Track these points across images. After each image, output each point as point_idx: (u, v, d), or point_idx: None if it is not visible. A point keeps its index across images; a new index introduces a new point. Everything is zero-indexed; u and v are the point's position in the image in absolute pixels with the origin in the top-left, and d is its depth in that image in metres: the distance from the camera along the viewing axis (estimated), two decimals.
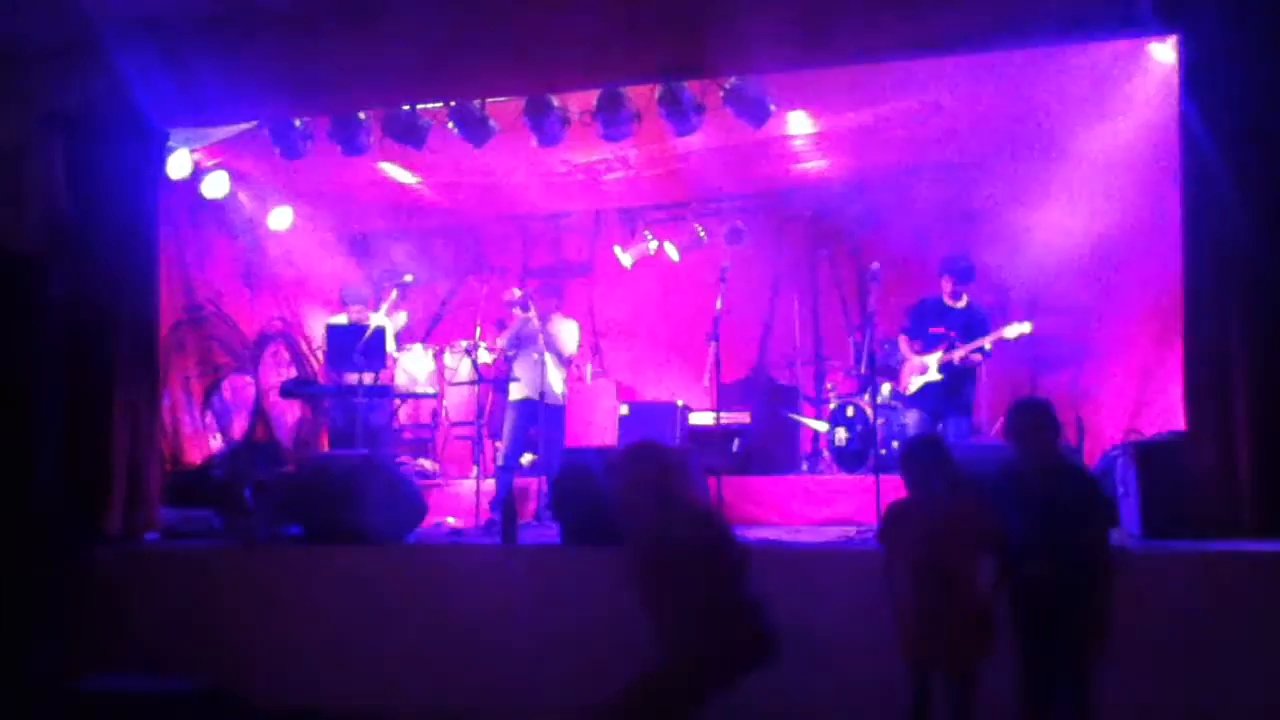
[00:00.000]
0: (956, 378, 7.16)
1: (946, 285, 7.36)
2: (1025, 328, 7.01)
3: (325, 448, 9.58)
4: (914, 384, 7.25)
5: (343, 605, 5.87)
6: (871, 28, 5.87)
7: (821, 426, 8.83)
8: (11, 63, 6.77)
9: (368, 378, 8.15)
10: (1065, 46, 6.24)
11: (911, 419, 7.33)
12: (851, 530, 6.75)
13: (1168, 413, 6.86)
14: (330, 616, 5.86)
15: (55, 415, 6.59)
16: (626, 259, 10.26)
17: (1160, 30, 5.83)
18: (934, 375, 7.18)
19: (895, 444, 8.11)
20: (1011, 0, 5.64)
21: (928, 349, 7.25)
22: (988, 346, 7.15)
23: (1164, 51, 6.17)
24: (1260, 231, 5.28)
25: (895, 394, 7.50)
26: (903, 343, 7.31)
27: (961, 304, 7.34)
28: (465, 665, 5.56)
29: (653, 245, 10.24)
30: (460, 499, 8.18)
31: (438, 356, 9.47)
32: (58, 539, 6.38)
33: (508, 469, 7.97)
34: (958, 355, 7.11)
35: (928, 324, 7.34)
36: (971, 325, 7.21)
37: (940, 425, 7.34)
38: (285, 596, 5.99)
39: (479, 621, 5.60)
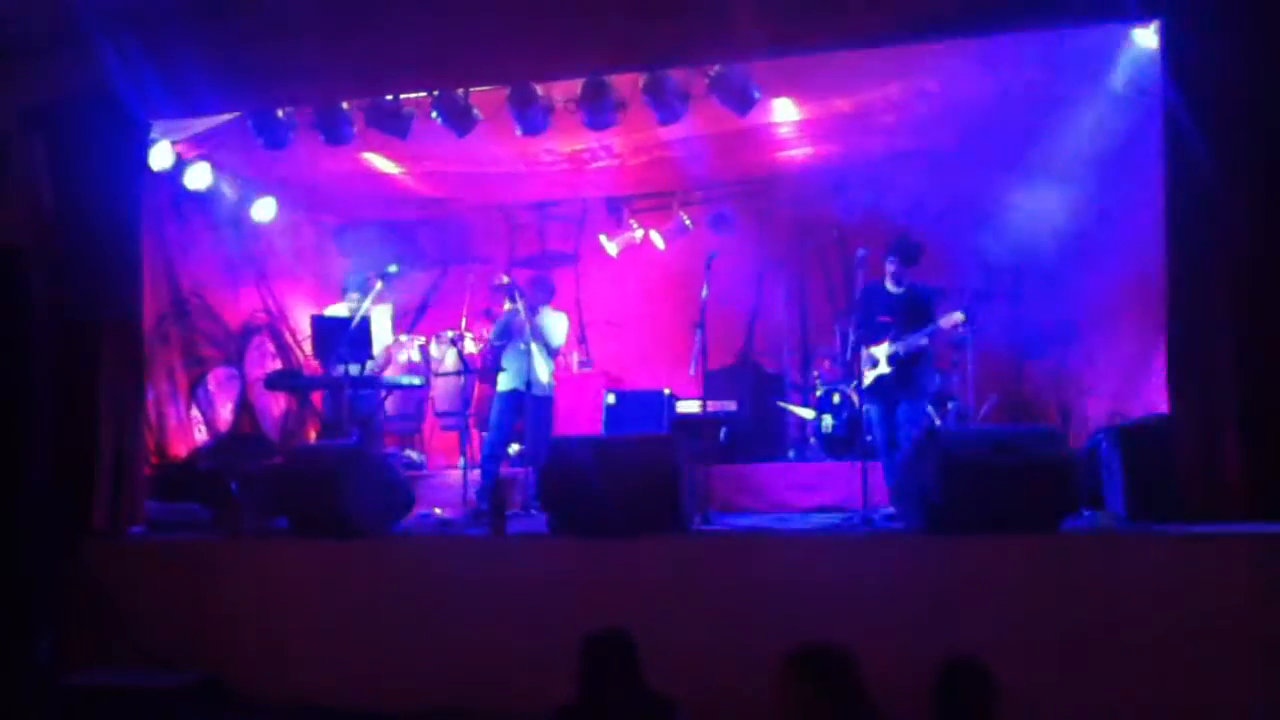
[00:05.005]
0: (905, 366, 7.10)
1: (890, 268, 7.24)
2: (958, 317, 6.95)
3: (311, 439, 9.57)
4: (867, 377, 7.19)
5: (330, 597, 5.86)
6: (853, 13, 5.87)
7: (808, 414, 8.84)
8: None
9: (354, 369, 8.13)
10: (1048, 32, 6.25)
11: (873, 414, 7.25)
12: (838, 517, 6.77)
13: (1153, 396, 6.89)
14: (318, 608, 5.86)
15: (41, 409, 6.56)
16: (612, 248, 10.26)
17: (1142, 16, 5.84)
18: (884, 368, 7.13)
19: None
20: None
21: (875, 340, 7.19)
22: (944, 325, 7.09)
23: (1146, 36, 6.19)
24: (1242, 215, 5.31)
25: (857, 387, 7.45)
26: (852, 336, 7.27)
27: (902, 289, 7.25)
28: (453, 655, 5.56)
29: (639, 234, 10.24)
30: (447, 489, 8.17)
31: (423, 347, 9.45)
32: (45, 533, 6.35)
33: (494, 459, 7.96)
34: (901, 347, 7.05)
35: (874, 313, 7.25)
36: (914, 310, 7.07)
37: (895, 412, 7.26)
38: (272, 589, 5.97)
39: (467, 612, 5.61)
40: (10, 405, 6.47)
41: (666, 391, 8.93)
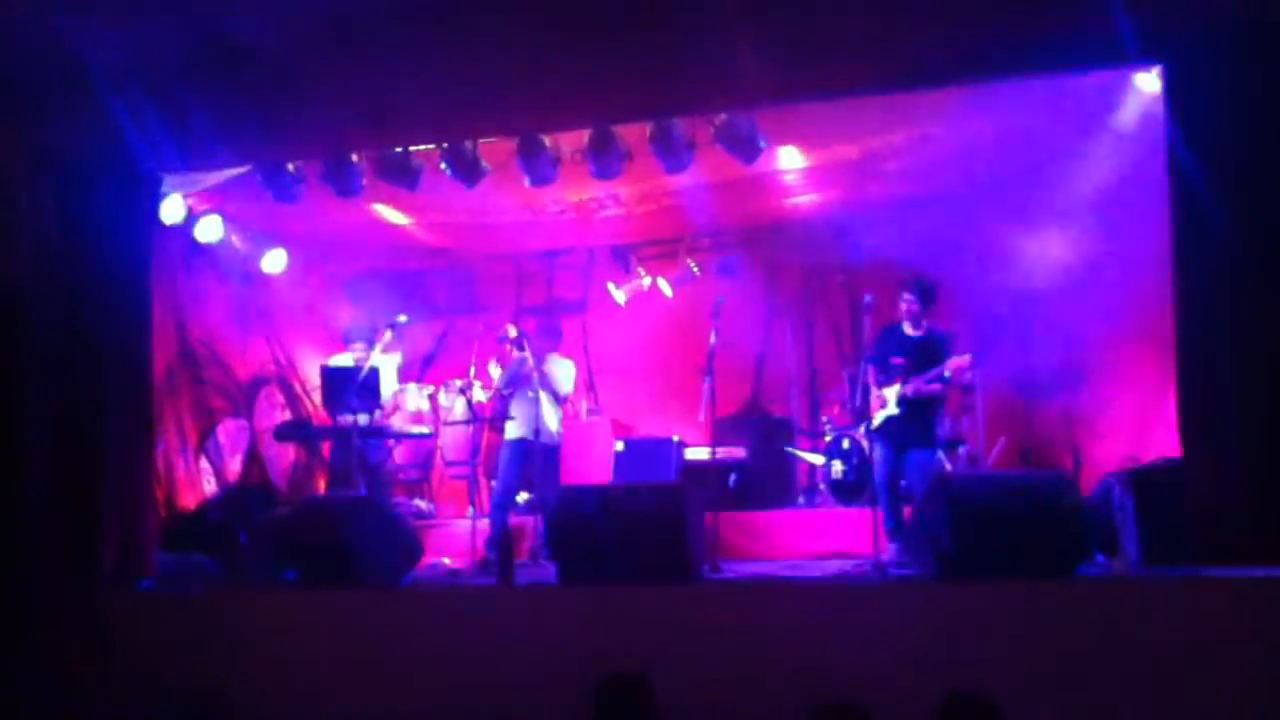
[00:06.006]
0: (914, 410, 7.07)
1: (906, 305, 7.22)
2: (965, 360, 6.95)
3: (320, 490, 9.56)
4: (876, 418, 7.17)
5: (339, 649, 5.82)
6: (855, 63, 5.91)
7: (817, 459, 8.81)
8: (4, 105, 6.79)
9: (363, 418, 8.14)
10: (1050, 78, 6.29)
11: (877, 454, 7.21)
12: (849, 564, 6.73)
13: (1165, 439, 6.86)
14: (327, 660, 5.81)
15: (47, 458, 6.56)
16: (620, 296, 10.29)
17: (1143, 61, 5.89)
18: (892, 409, 7.11)
19: None
20: (995, 34, 5.67)
21: (888, 381, 7.18)
22: (947, 375, 7.07)
23: (1149, 81, 6.23)
24: (1249, 258, 5.30)
25: (866, 428, 7.43)
26: (869, 374, 7.27)
27: (920, 332, 7.25)
28: (461, 705, 5.51)
29: (646, 281, 10.27)
30: (456, 539, 8.14)
31: (432, 396, 9.46)
32: (50, 586, 6.33)
33: (502, 508, 7.93)
34: (909, 388, 7.04)
35: (889, 354, 7.25)
36: (928, 354, 7.08)
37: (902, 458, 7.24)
38: (280, 641, 5.93)
39: (475, 662, 5.56)
40: (10, 458, 6.48)
41: (675, 439, 8.91)
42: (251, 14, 6.13)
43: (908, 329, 7.25)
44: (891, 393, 7.12)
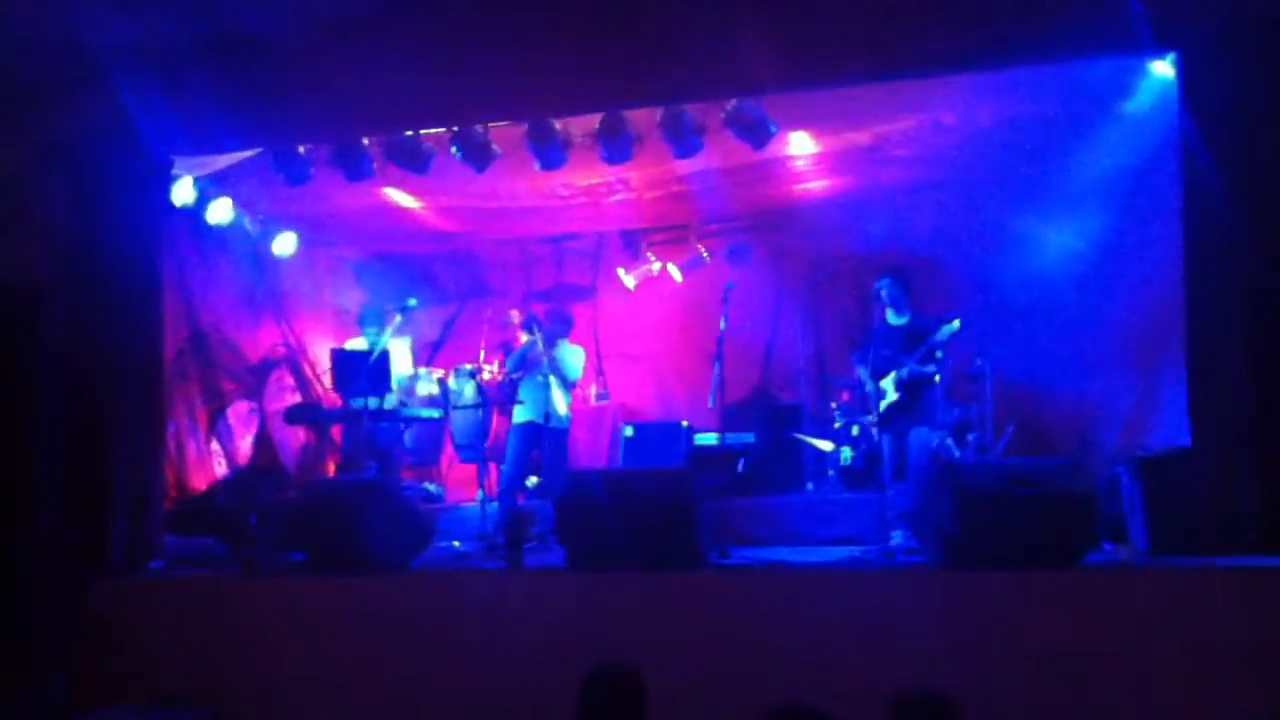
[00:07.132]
0: (912, 392, 7.09)
1: (884, 294, 7.23)
2: (954, 325, 6.96)
3: (330, 473, 9.59)
4: (880, 407, 7.21)
5: (348, 632, 5.84)
6: (866, 50, 5.89)
7: (826, 446, 8.81)
8: (13, 95, 6.80)
9: (373, 401, 8.15)
10: (1064, 65, 6.26)
11: (885, 442, 7.24)
12: (857, 550, 6.73)
13: (1173, 427, 6.84)
14: (335, 643, 5.84)
15: (57, 444, 6.59)
16: (629, 281, 10.29)
17: (1158, 49, 5.85)
18: (892, 396, 7.12)
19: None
20: (1009, 20, 5.65)
21: (882, 374, 7.19)
22: (939, 355, 7.08)
23: (1163, 68, 6.20)
24: (1261, 246, 5.29)
25: (874, 420, 7.46)
26: (861, 374, 7.29)
27: (904, 320, 7.25)
28: (470, 689, 5.54)
29: (655, 267, 10.27)
30: (465, 522, 8.17)
31: (442, 380, 9.47)
32: (60, 568, 6.36)
33: (511, 492, 7.95)
34: (905, 371, 7.06)
35: (878, 349, 7.27)
36: (914, 337, 7.08)
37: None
38: (289, 624, 5.96)
39: (484, 645, 5.58)
40: (22, 441, 6.51)
41: (684, 424, 8.92)
42: None
43: (891, 319, 7.24)
44: (888, 381, 7.13)
